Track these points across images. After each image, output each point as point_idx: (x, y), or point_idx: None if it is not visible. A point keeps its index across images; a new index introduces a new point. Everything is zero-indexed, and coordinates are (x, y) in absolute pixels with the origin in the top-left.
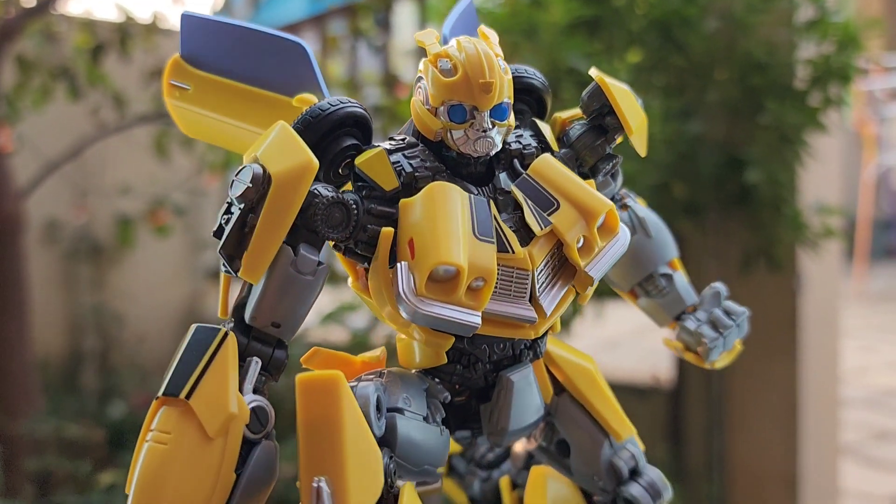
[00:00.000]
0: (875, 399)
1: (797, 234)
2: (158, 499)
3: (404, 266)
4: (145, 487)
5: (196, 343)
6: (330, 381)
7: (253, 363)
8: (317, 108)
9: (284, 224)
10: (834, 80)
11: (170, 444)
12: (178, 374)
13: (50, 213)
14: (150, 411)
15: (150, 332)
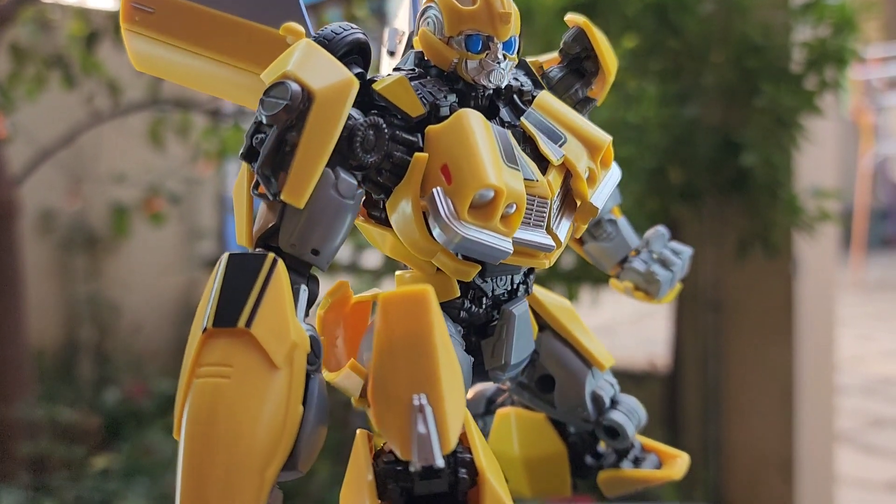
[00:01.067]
0: (871, 387)
1: (793, 218)
2: (227, 438)
3: (441, 192)
4: (208, 427)
5: (240, 271)
6: (421, 296)
7: (302, 290)
8: (329, 31)
9: (329, 144)
10: (830, 63)
11: (233, 377)
12: (229, 304)
13: (45, 203)
14: (196, 347)
15: (146, 321)
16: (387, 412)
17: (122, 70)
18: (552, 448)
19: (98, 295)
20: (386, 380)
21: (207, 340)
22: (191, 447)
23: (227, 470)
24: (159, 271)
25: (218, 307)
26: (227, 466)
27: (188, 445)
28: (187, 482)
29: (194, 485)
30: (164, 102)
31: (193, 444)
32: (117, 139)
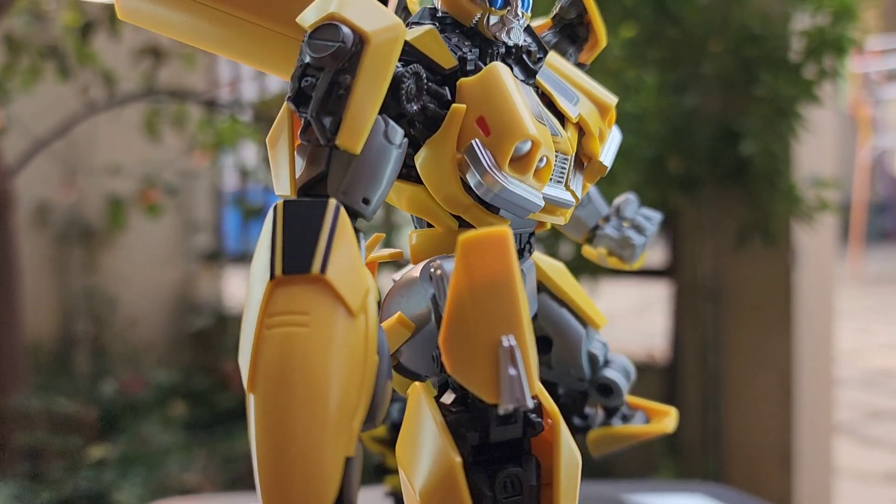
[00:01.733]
0: (870, 379)
1: (792, 208)
2: (312, 389)
3: (480, 143)
4: (290, 380)
5: (302, 216)
6: (502, 236)
7: (361, 237)
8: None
9: (382, 88)
10: (829, 51)
11: (311, 325)
12: (297, 250)
13: (40, 196)
14: (264, 297)
15: (143, 315)
16: (468, 357)
17: (117, 61)
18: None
19: (94, 288)
20: (467, 323)
21: (277, 289)
22: (273, 402)
23: (315, 422)
24: (156, 264)
25: (285, 254)
26: (314, 419)
27: (268, 401)
28: (270, 439)
29: (279, 442)
30: (160, 93)
31: (276, 399)
32: (112, 131)
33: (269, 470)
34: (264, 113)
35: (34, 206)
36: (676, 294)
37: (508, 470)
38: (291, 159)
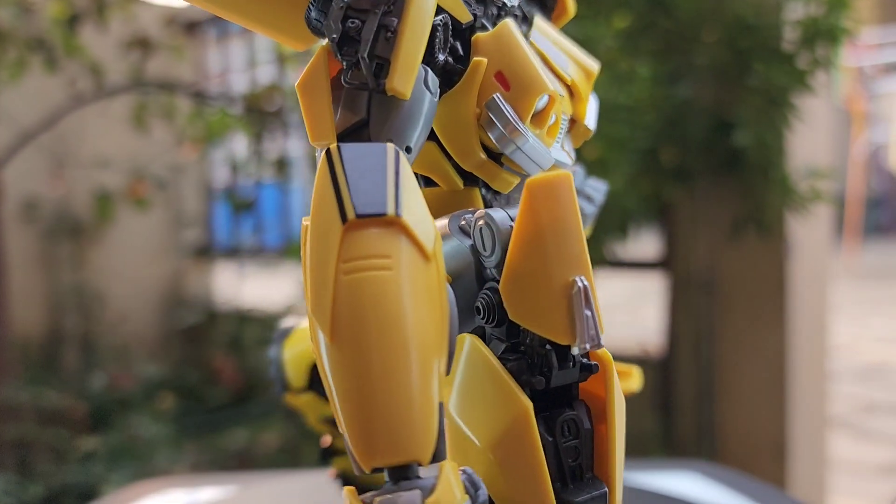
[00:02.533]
0: (864, 373)
1: (785, 199)
2: (402, 333)
3: (501, 97)
4: (378, 324)
5: (364, 159)
6: (567, 180)
7: None
8: None
9: (426, 33)
10: (822, 41)
11: (394, 268)
12: (367, 192)
13: (28, 190)
14: (337, 241)
15: (132, 310)
16: (538, 300)
17: (104, 53)
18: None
19: (83, 283)
20: (535, 267)
21: (351, 233)
22: (364, 348)
23: (411, 367)
24: (145, 259)
25: (354, 197)
26: (409, 364)
27: (359, 348)
28: (367, 387)
29: (378, 388)
30: (148, 84)
31: (367, 345)
32: (100, 124)
33: (366, 420)
34: (254, 105)
35: (22, 201)
36: (670, 286)
37: (566, 414)
38: (329, 103)
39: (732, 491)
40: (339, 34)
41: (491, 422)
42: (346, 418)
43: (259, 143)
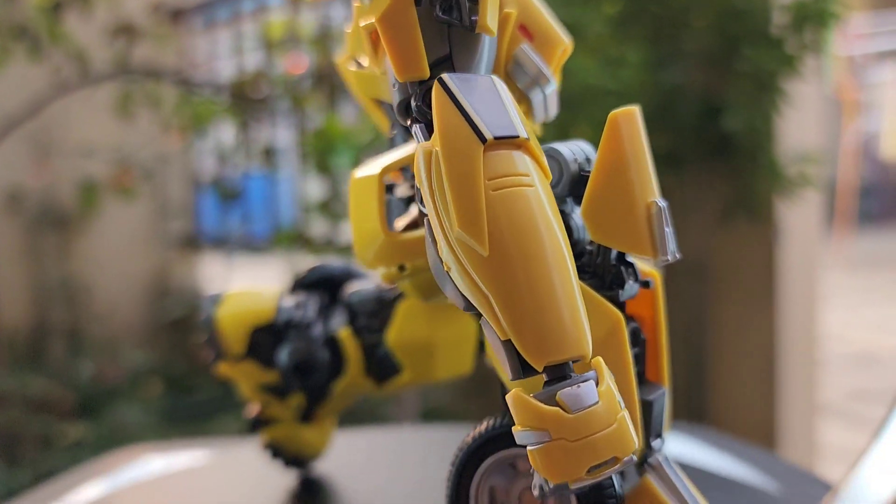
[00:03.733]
0: (855, 360)
1: (774, 183)
2: (552, 240)
3: (529, 46)
4: (532, 231)
5: (476, 88)
6: (637, 112)
7: None
8: None
9: None
10: (810, 24)
11: (534, 185)
12: (495, 117)
13: (12, 182)
14: (478, 161)
15: (119, 301)
16: (623, 220)
17: (89, 40)
18: (466, 327)
19: (69, 276)
20: (619, 191)
21: (490, 152)
22: (523, 254)
23: (562, 268)
24: (131, 250)
25: (486, 121)
26: (561, 266)
27: (517, 254)
28: (527, 288)
29: (540, 288)
30: (133, 72)
31: (526, 251)
32: (85, 112)
33: (539, 321)
34: (241, 93)
35: (6, 192)
36: (662, 272)
37: (630, 324)
38: (421, 40)
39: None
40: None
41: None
42: (515, 323)
43: (246, 131)
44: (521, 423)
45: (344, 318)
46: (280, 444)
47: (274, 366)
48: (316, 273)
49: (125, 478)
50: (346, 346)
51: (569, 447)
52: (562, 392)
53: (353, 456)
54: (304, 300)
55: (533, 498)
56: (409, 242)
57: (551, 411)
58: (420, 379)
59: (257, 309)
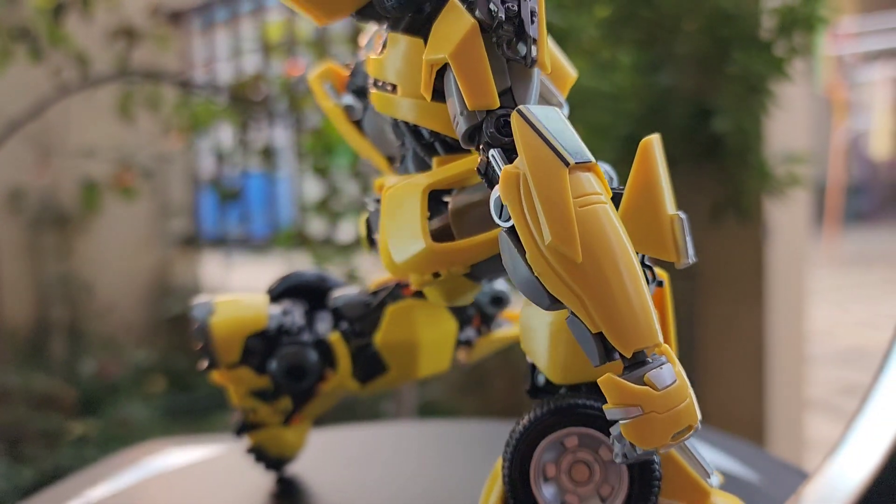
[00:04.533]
0: (844, 356)
1: (763, 183)
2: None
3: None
4: (612, 241)
5: (548, 117)
6: (659, 140)
7: None
8: None
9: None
10: (799, 29)
11: (607, 202)
12: (570, 144)
13: (13, 182)
14: (564, 182)
15: (119, 299)
16: (651, 231)
17: (90, 42)
18: (447, 327)
19: (70, 275)
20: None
21: (573, 175)
22: (610, 260)
23: (636, 271)
24: (131, 249)
25: (566, 147)
26: (636, 269)
27: (604, 260)
28: (617, 288)
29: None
30: (134, 74)
31: (611, 258)
32: (86, 113)
33: (627, 315)
34: (239, 94)
35: (8, 191)
36: None
37: None
38: (490, 73)
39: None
40: (506, 12)
41: None
42: (607, 318)
43: (245, 132)
44: (613, 402)
45: (328, 323)
46: (264, 447)
47: (266, 371)
48: (289, 281)
49: (146, 471)
50: (337, 348)
51: (658, 419)
52: (650, 374)
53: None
54: (290, 307)
55: (581, 470)
56: (450, 251)
57: (643, 390)
58: (403, 378)
59: (249, 316)
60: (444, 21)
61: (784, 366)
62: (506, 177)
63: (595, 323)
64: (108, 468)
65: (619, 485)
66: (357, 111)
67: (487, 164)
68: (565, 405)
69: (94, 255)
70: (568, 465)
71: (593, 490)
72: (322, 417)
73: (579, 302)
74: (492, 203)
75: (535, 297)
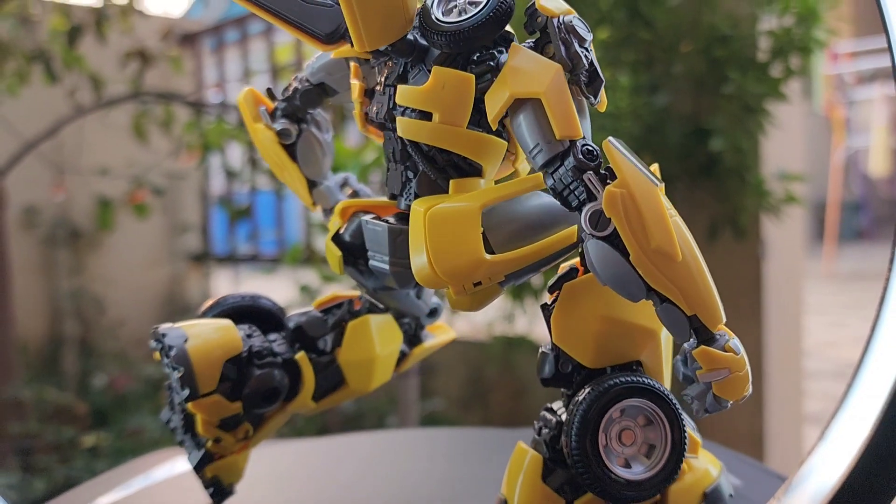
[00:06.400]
0: (842, 371)
1: (760, 201)
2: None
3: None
4: (693, 245)
5: (626, 148)
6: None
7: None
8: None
9: None
10: (795, 51)
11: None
12: (647, 170)
13: (28, 199)
14: (659, 199)
15: (130, 315)
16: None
17: (104, 64)
18: (396, 340)
19: (82, 290)
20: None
21: (660, 193)
22: (695, 257)
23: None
24: (143, 265)
25: (645, 173)
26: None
27: (692, 264)
28: (703, 281)
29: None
30: (146, 94)
31: (696, 255)
32: (100, 133)
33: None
34: None
35: (22, 208)
36: None
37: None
38: (573, 107)
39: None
40: (589, 62)
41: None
42: (699, 304)
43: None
44: (708, 368)
45: (284, 343)
46: (220, 477)
47: (239, 397)
48: (223, 305)
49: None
50: (303, 367)
51: (739, 377)
52: (731, 343)
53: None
54: (251, 329)
55: (629, 435)
56: (499, 263)
57: (729, 356)
58: (357, 393)
59: (224, 340)
60: (521, 62)
61: (782, 381)
62: (610, 196)
63: (690, 307)
64: (116, 476)
65: (661, 441)
66: (291, 135)
67: (568, 185)
68: (639, 381)
69: (106, 271)
70: (616, 432)
71: (636, 451)
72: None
73: (678, 292)
74: (586, 216)
75: (630, 291)
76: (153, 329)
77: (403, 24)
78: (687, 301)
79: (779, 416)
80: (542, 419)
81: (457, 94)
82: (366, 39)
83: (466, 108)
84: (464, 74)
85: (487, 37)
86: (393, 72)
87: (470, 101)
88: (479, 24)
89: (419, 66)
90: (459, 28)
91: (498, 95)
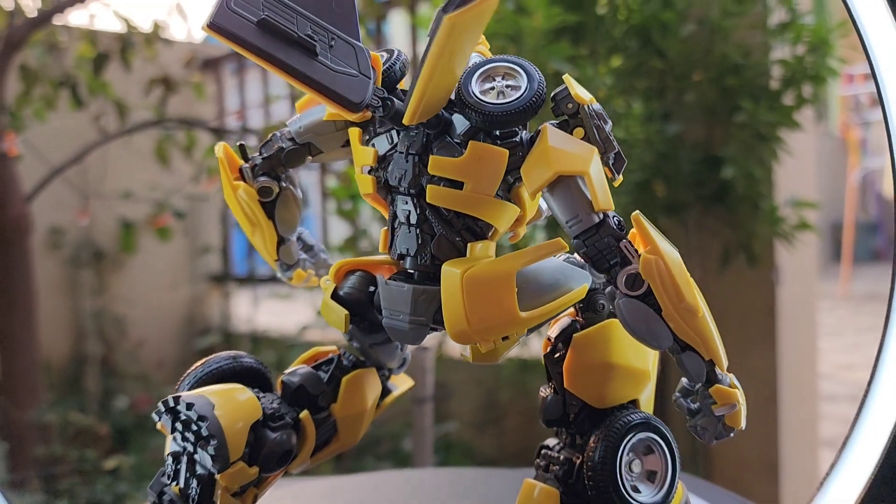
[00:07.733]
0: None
1: (773, 228)
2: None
3: None
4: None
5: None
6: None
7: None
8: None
9: None
10: (807, 80)
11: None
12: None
13: (53, 221)
14: (685, 269)
15: (152, 336)
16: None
17: (128, 90)
18: (377, 392)
19: (104, 310)
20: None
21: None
22: (709, 317)
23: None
24: (165, 286)
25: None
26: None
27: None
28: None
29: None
30: (170, 121)
31: (709, 315)
32: (124, 158)
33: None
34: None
35: (47, 231)
36: None
37: None
38: (607, 184)
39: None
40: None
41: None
42: (713, 350)
43: None
44: (722, 402)
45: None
46: None
47: (254, 462)
48: (210, 367)
49: None
50: (306, 426)
51: (741, 408)
52: (734, 380)
53: None
54: (258, 392)
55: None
56: (531, 319)
57: (735, 392)
58: (345, 447)
59: (246, 405)
60: (560, 143)
61: (798, 404)
62: (647, 261)
63: (708, 353)
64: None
65: (662, 467)
66: (272, 193)
67: (601, 251)
68: (644, 417)
69: (128, 292)
70: (626, 463)
71: (641, 478)
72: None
73: (700, 341)
74: (622, 279)
75: (659, 341)
76: (172, 397)
77: (445, 103)
78: (706, 348)
79: (794, 440)
80: (544, 457)
81: (492, 166)
82: (420, 114)
83: (498, 179)
84: (499, 150)
85: (524, 120)
86: (415, 141)
87: (502, 173)
88: (520, 109)
89: (443, 138)
90: (504, 110)
91: (540, 171)
